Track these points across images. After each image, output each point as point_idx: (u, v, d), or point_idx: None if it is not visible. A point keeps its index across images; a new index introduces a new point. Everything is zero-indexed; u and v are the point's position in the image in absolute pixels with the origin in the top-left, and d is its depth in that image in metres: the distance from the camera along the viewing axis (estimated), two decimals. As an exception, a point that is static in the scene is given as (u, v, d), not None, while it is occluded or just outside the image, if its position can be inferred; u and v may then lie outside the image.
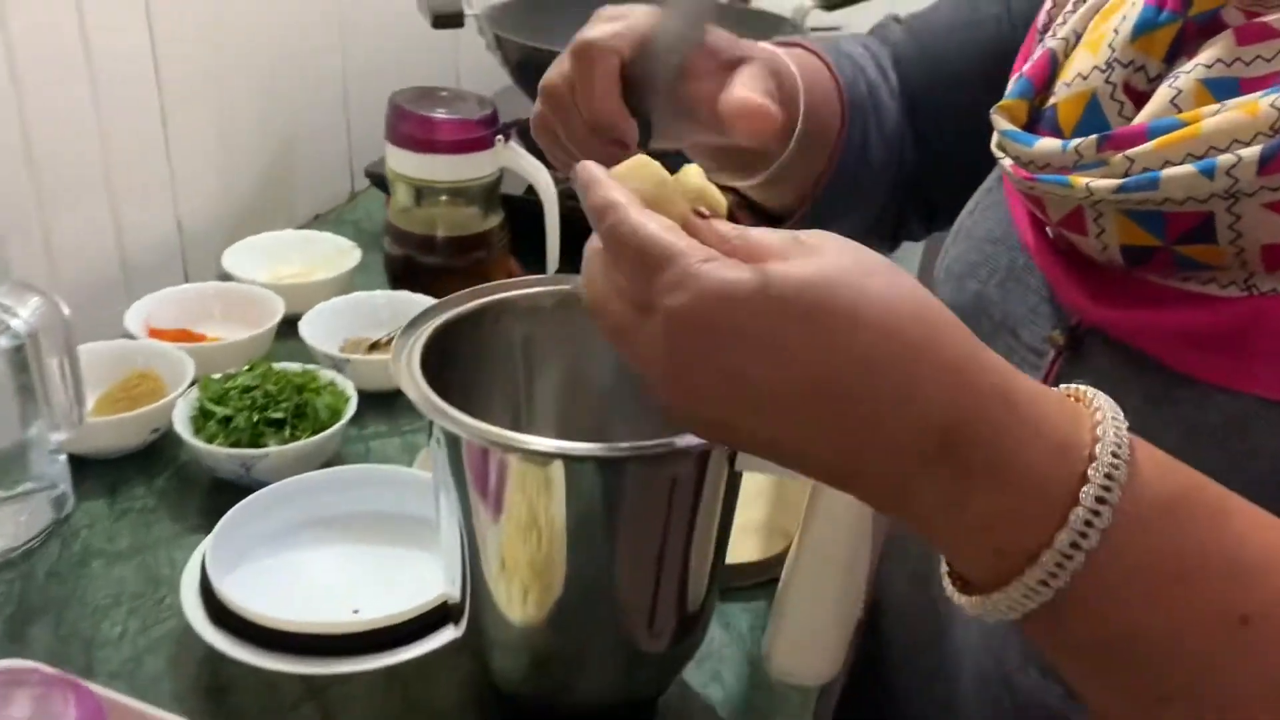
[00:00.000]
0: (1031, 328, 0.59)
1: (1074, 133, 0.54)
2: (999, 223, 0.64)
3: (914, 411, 0.39)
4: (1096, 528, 0.38)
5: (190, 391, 0.88)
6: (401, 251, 1.11)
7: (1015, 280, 0.61)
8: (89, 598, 0.75)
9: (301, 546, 0.78)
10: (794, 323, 0.39)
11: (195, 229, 1.16)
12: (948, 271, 0.68)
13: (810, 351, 0.39)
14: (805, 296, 0.39)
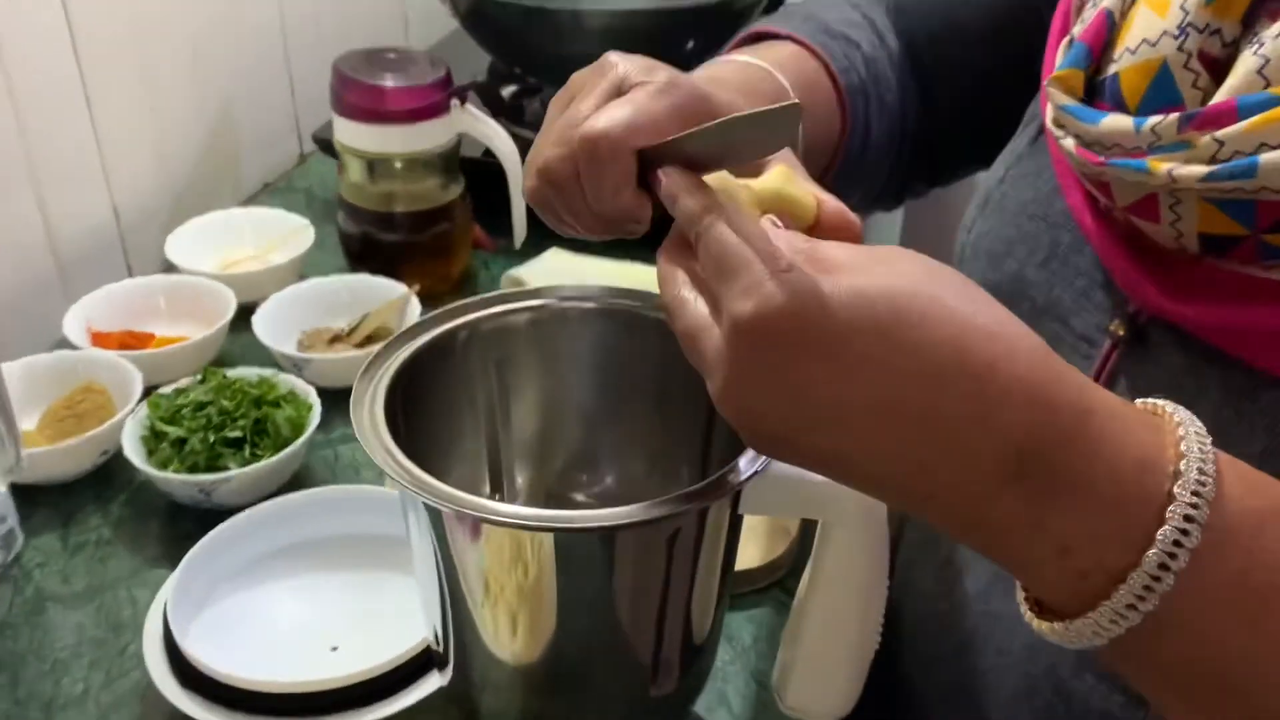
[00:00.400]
0: (1083, 315, 0.55)
1: (1140, 106, 0.48)
2: (1037, 195, 0.59)
3: (990, 431, 0.37)
4: (1186, 547, 0.37)
5: (139, 409, 0.82)
6: (358, 229, 1.04)
7: (1060, 261, 0.56)
8: (46, 651, 0.70)
9: (270, 579, 0.73)
10: (862, 337, 0.37)
11: (134, 214, 1.08)
12: (976, 247, 0.63)
13: (879, 368, 0.37)
14: (875, 310, 0.37)
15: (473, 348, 0.59)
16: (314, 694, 0.61)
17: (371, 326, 0.95)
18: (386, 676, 0.62)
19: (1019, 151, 0.62)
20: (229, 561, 0.72)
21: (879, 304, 0.37)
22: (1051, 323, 0.57)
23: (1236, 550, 0.38)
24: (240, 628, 0.70)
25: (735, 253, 0.39)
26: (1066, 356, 0.55)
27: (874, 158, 0.73)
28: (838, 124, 0.69)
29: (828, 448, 0.39)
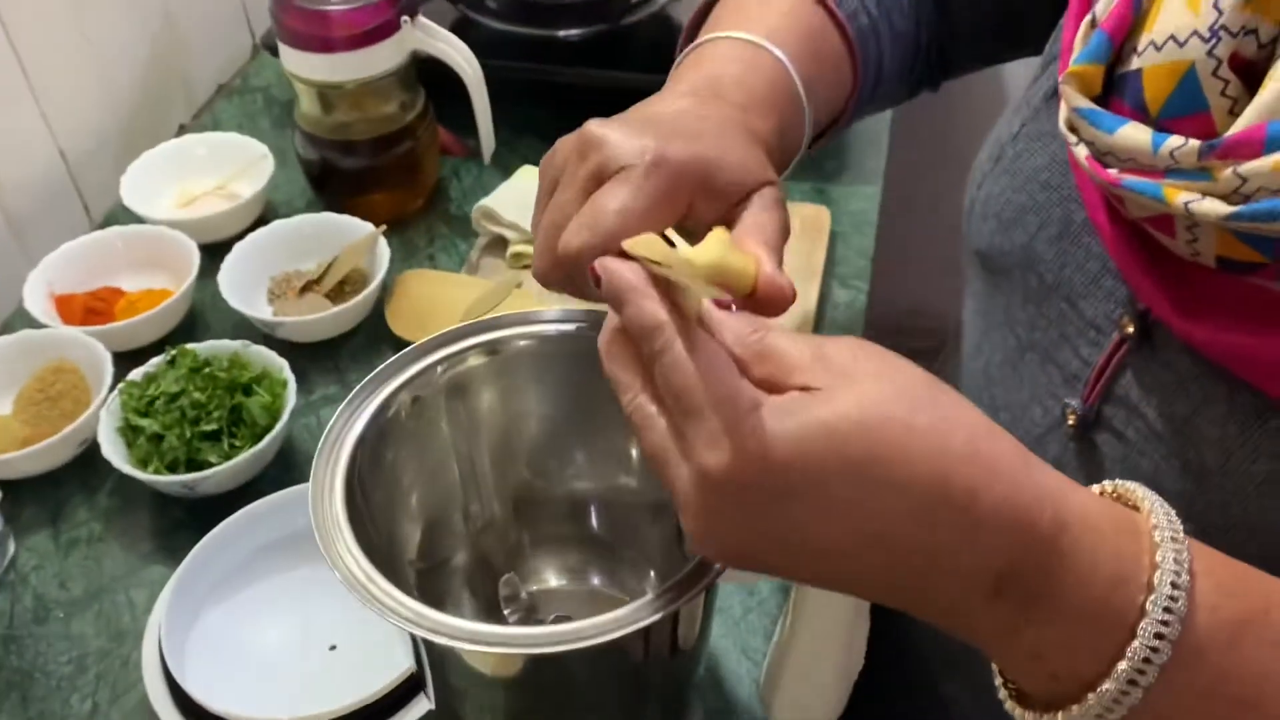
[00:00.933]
0: (1093, 300, 0.53)
1: (1163, 111, 0.44)
2: (1052, 162, 0.55)
3: (973, 555, 0.37)
4: (1155, 664, 0.37)
5: (112, 400, 0.80)
6: (317, 155, 0.99)
7: (1072, 240, 0.54)
8: (51, 665, 0.72)
9: (263, 576, 0.74)
10: (840, 479, 0.37)
11: (82, 152, 1.02)
12: (986, 207, 0.60)
13: (860, 507, 0.37)
14: (849, 450, 0.36)
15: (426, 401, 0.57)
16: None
17: (342, 271, 0.92)
18: (380, 700, 0.63)
19: (1035, 105, 0.57)
20: (220, 566, 0.73)
21: (852, 442, 0.36)
22: (1060, 302, 0.54)
23: (1207, 666, 0.38)
24: (237, 634, 0.71)
25: (696, 392, 0.38)
26: (1073, 340, 0.54)
27: (886, 89, 0.69)
28: (848, 74, 0.64)
29: (810, 575, 0.40)
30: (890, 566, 0.38)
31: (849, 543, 0.38)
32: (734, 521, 0.38)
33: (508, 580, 0.65)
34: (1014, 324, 0.59)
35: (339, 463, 0.52)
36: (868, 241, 0.98)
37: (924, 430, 0.37)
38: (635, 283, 0.40)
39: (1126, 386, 0.51)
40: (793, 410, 0.37)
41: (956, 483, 0.37)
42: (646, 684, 0.56)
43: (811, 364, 0.39)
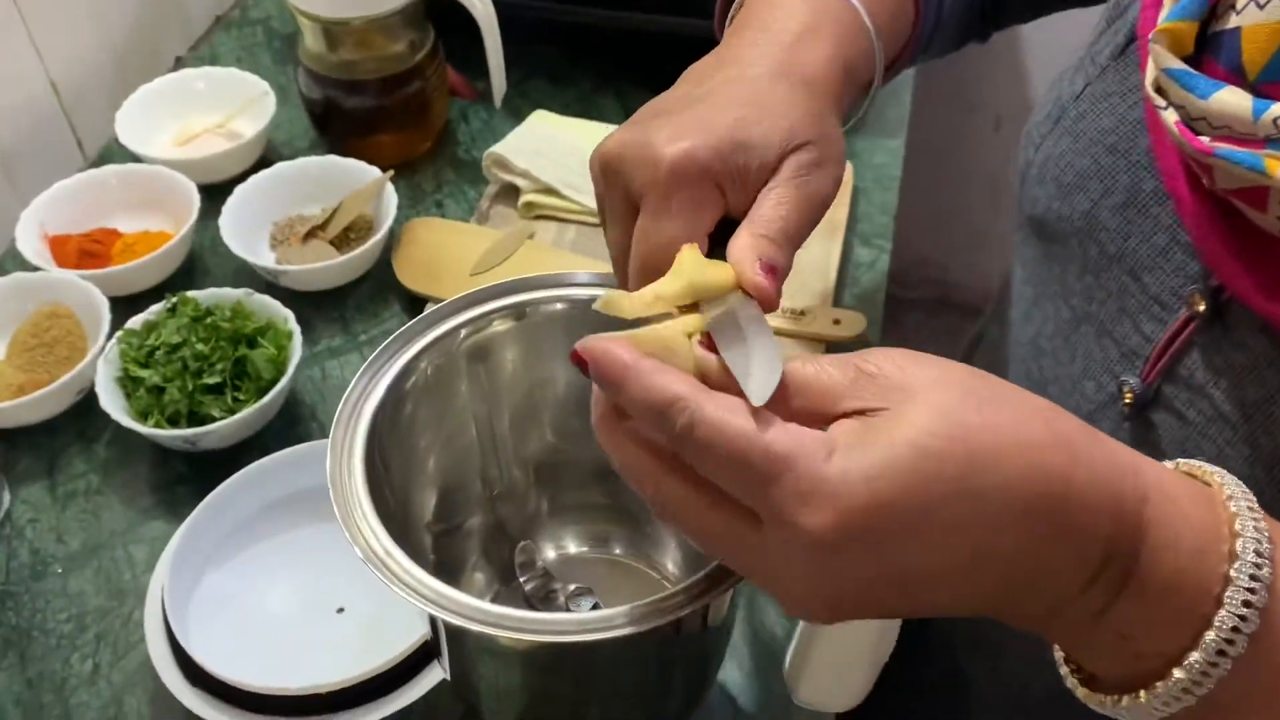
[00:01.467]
0: (1158, 274, 0.50)
1: (1261, 74, 0.41)
2: (1120, 124, 0.52)
3: (1075, 546, 0.36)
4: (1244, 633, 0.35)
5: (110, 349, 0.77)
6: (321, 94, 0.95)
7: (1139, 210, 0.51)
8: (50, 623, 0.70)
9: (268, 535, 0.72)
10: (945, 504, 0.34)
11: (75, 87, 0.98)
12: (1044, 170, 0.57)
13: (969, 527, 0.35)
14: (947, 468, 0.34)
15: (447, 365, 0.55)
16: (326, 695, 0.61)
17: (347, 217, 0.89)
18: (395, 668, 0.62)
19: (1100, 63, 0.54)
20: (224, 524, 0.70)
21: (947, 459, 0.34)
22: (1122, 275, 0.52)
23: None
24: (242, 596, 0.69)
25: (756, 456, 0.34)
26: (1134, 315, 0.51)
27: (941, 35, 0.66)
28: (910, 13, 0.61)
29: (924, 606, 0.38)
30: (1000, 578, 0.36)
31: (962, 563, 0.35)
32: (845, 576, 0.36)
33: (524, 547, 0.63)
34: (1069, 294, 0.56)
35: (359, 427, 0.50)
36: (891, 198, 0.95)
37: (1005, 427, 0.35)
38: (628, 359, 0.37)
39: (1192, 366, 0.49)
40: (872, 440, 0.34)
41: (1052, 473, 0.35)
42: (672, 664, 0.54)
43: (855, 384, 0.36)
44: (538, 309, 0.53)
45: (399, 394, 0.52)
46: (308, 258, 0.87)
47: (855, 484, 0.34)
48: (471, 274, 0.86)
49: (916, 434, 0.34)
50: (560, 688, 0.54)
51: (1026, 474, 0.34)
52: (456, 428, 0.57)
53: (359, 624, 0.69)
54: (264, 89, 0.98)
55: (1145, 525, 0.36)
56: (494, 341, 0.55)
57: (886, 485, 0.34)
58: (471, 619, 0.43)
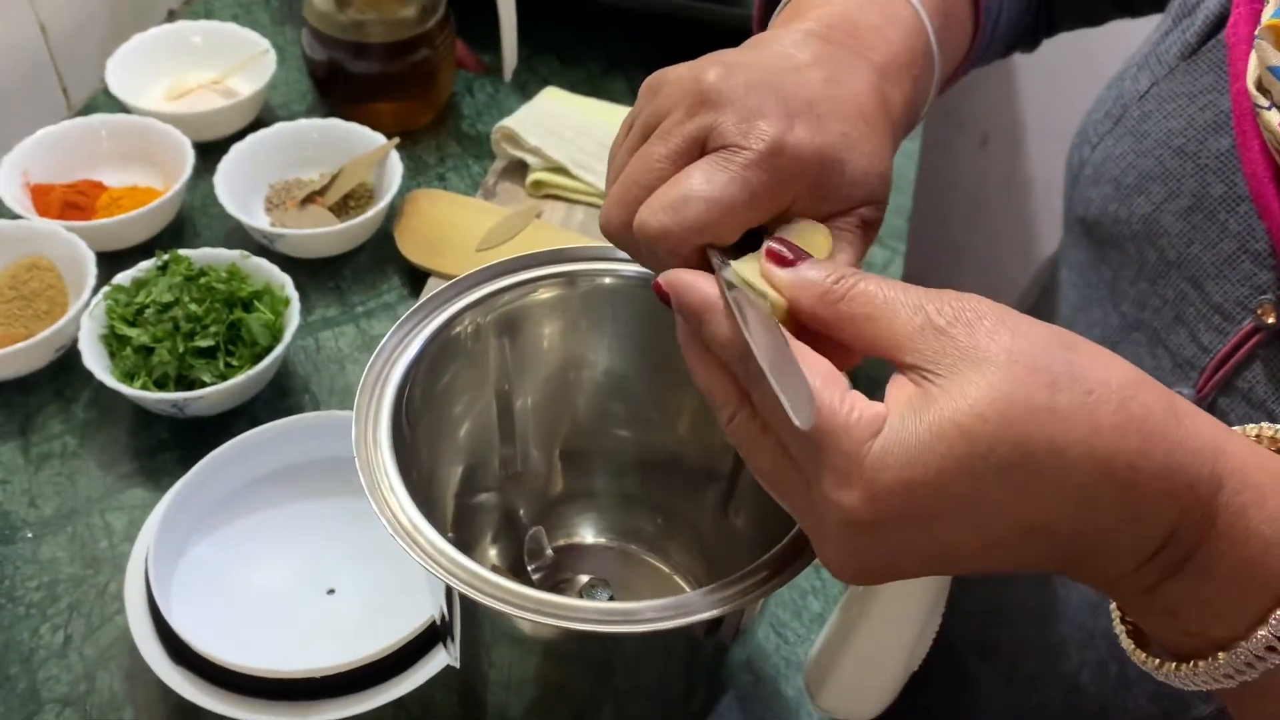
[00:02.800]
0: (1222, 283, 0.48)
1: None
2: (1189, 126, 0.50)
3: (1137, 530, 0.34)
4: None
5: (95, 304, 0.73)
6: (325, 56, 0.91)
7: (1206, 215, 0.49)
8: (19, 590, 0.65)
9: (256, 509, 0.68)
10: (992, 487, 0.33)
11: (65, 28, 0.94)
12: (1101, 170, 0.55)
13: (1016, 509, 0.33)
14: (997, 455, 0.32)
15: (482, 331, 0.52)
16: (318, 679, 0.57)
17: (348, 184, 0.85)
18: (394, 654, 0.58)
19: (1168, 63, 0.52)
20: (212, 495, 0.67)
21: (998, 445, 0.32)
22: (1181, 281, 0.50)
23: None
24: (227, 571, 0.65)
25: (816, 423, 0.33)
26: (1191, 324, 0.49)
27: (999, 47, 0.64)
28: (970, 28, 0.58)
29: (965, 571, 0.36)
30: (1049, 554, 0.35)
31: (1012, 539, 0.34)
32: (879, 553, 0.35)
33: (534, 534, 0.60)
34: (1120, 299, 0.54)
35: (385, 392, 0.47)
36: (905, 200, 0.93)
37: (1072, 412, 0.33)
38: (712, 299, 0.36)
39: (1253, 379, 0.47)
40: (921, 418, 0.33)
41: (1117, 462, 0.33)
42: (693, 666, 0.51)
43: (920, 335, 0.34)
44: (588, 281, 0.50)
45: (428, 361, 0.48)
46: (305, 223, 0.83)
47: (892, 468, 0.33)
48: (477, 250, 0.82)
49: (967, 415, 0.32)
50: (577, 681, 0.51)
51: (1087, 461, 0.33)
52: (476, 402, 0.54)
53: (350, 607, 0.65)
54: (264, 46, 0.94)
55: (1216, 513, 0.34)
56: (526, 314, 0.52)
57: (926, 471, 0.32)
58: (508, 602, 0.40)
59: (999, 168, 1.86)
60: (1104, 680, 0.56)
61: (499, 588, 0.41)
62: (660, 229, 0.38)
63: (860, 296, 0.35)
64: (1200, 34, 0.51)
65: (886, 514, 0.33)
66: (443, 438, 0.52)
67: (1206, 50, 0.51)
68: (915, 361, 0.34)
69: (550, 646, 0.48)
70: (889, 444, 0.33)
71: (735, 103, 0.39)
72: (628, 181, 0.41)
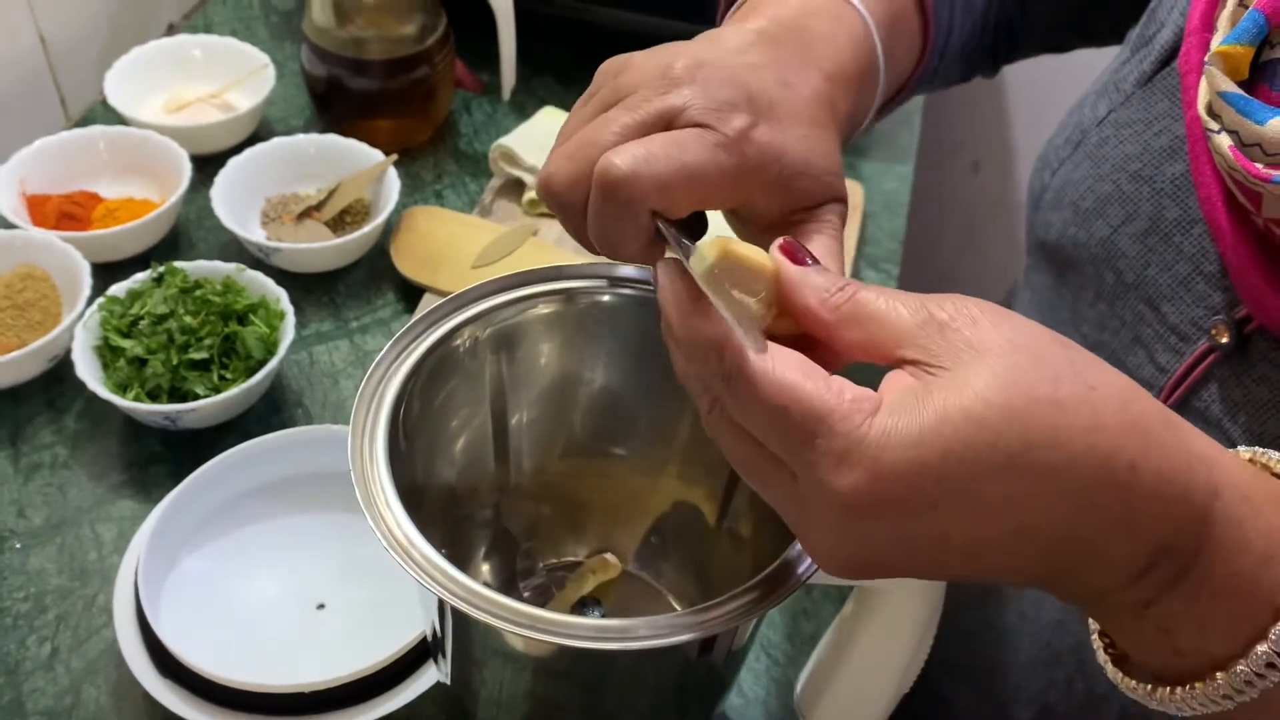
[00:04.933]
0: (1178, 304, 0.49)
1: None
2: (1145, 151, 0.51)
3: (1132, 536, 0.34)
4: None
5: (89, 315, 0.73)
6: (325, 71, 0.91)
7: (1161, 238, 0.49)
8: (6, 601, 0.65)
9: (246, 523, 0.68)
10: (994, 475, 0.32)
11: (65, 41, 0.94)
12: (1061, 195, 0.55)
13: (1015, 504, 0.33)
14: (1002, 441, 0.32)
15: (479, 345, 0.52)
16: (308, 694, 0.57)
17: (345, 200, 0.86)
18: (383, 671, 0.58)
19: (1125, 90, 0.53)
20: (203, 508, 0.66)
21: (1004, 432, 0.32)
22: (1139, 304, 0.50)
23: None
24: (216, 585, 0.65)
25: (799, 408, 0.33)
26: (1149, 345, 0.50)
27: (946, 67, 0.64)
28: (918, 45, 0.59)
29: (954, 574, 0.36)
30: (1042, 558, 0.34)
31: (1004, 540, 0.34)
32: (875, 540, 0.34)
33: (526, 551, 0.60)
34: (1080, 322, 0.55)
35: (383, 405, 0.46)
36: (899, 223, 0.93)
37: (1075, 405, 0.32)
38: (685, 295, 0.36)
39: (1209, 399, 0.48)
40: (924, 403, 0.32)
41: (1117, 459, 0.32)
42: (687, 685, 0.51)
43: (922, 331, 0.34)
44: (586, 298, 0.50)
45: (425, 375, 0.48)
46: (301, 237, 0.83)
47: (896, 448, 0.32)
48: (473, 267, 0.83)
49: (973, 400, 0.32)
50: (568, 699, 0.51)
51: (1089, 458, 0.32)
52: (472, 418, 0.54)
53: (340, 623, 0.65)
54: (264, 61, 0.94)
55: (1211, 523, 0.34)
56: (524, 330, 0.52)
57: (930, 452, 0.32)
58: (503, 618, 0.40)
59: (990, 194, 1.87)
60: (1071, 699, 0.56)
61: (493, 603, 0.41)
62: (628, 173, 0.37)
63: (861, 302, 0.35)
64: (1156, 62, 0.52)
65: (888, 495, 0.32)
66: (438, 453, 0.52)
67: (1161, 78, 0.52)
68: (916, 356, 0.34)
69: (543, 663, 0.48)
70: (890, 424, 0.32)
71: (707, 91, 0.40)
72: (582, 140, 0.40)
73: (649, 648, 0.40)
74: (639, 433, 0.56)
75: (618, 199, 0.38)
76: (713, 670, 0.51)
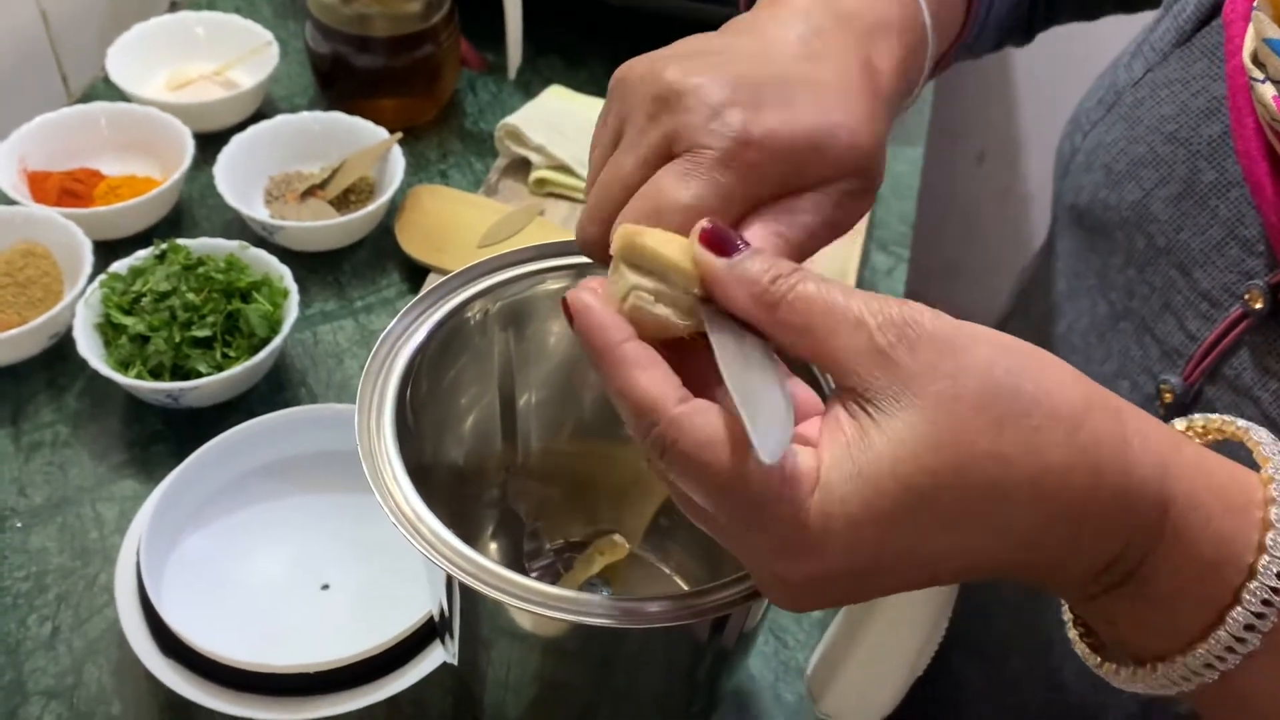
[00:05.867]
0: (1210, 269, 0.47)
1: None
2: (1182, 112, 0.50)
3: (1080, 563, 0.35)
4: (1238, 653, 0.34)
5: (91, 292, 0.72)
6: (328, 48, 0.90)
7: (1196, 201, 0.48)
8: (6, 580, 0.64)
9: (250, 502, 0.67)
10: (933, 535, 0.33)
11: (67, 16, 0.93)
12: (1093, 156, 0.54)
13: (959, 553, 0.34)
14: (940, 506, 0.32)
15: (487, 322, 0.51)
16: (312, 674, 0.56)
17: (349, 178, 0.85)
18: (388, 651, 0.57)
19: (1162, 49, 0.52)
20: (206, 487, 0.66)
21: (941, 496, 0.32)
22: (1169, 268, 0.49)
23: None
24: (219, 565, 0.64)
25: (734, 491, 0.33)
26: (1179, 311, 0.49)
27: (992, 35, 0.63)
28: (962, 8, 0.57)
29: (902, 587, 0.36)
30: (993, 572, 0.35)
31: (951, 575, 0.35)
32: (822, 599, 0.35)
33: (533, 532, 0.59)
34: (1108, 288, 0.54)
35: (390, 381, 0.45)
36: (909, 206, 0.93)
37: (1018, 455, 0.32)
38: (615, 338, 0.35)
39: (1239, 366, 0.47)
40: (862, 465, 0.32)
41: (1064, 498, 0.33)
42: (696, 664, 0.51)
43: (861, 359, 0.33)
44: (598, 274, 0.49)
45: (434, 350, 0.48)
46: (305, 216, 0.82)
47: (835, 533, 0.32)
48: (478, 246, 0.82)
49: (908, 465, 0.32)
50: (577, 679, 0.50)
51: (1035, 504, 0.33)
52: (481, 395, 0.54)
53: (344, 603, 0.64)
54: (267, 39, 0.93)
55: (1159, 537, 0.34)
56: (534, 306, 0.51)
57: (869, 529, 0.32)
58: (513, 594, 0.40)
59: (995, 183, 1.86)
60: (1086, 676, 0.55)
61: (504, 579, 0.40)
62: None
63: (799, 302, 0.34)
64: (1194, 20, 0.51)
65: (830, 572, 0.33)
66: (445, 430, 0.52)
67: (1200, 37, 0.50)
68: (853, 385, 0.33)
69: (552, 643, 0.47)
70: (828, 504, 0.32)
71: (696, 101, 0.38)
72: (601, 196, 0.41)
73: (661, 626, 0.40)
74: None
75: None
76: (723, 651, 0.50)
